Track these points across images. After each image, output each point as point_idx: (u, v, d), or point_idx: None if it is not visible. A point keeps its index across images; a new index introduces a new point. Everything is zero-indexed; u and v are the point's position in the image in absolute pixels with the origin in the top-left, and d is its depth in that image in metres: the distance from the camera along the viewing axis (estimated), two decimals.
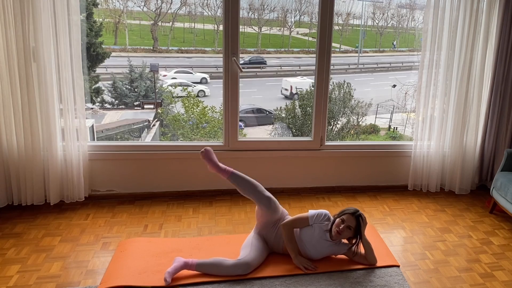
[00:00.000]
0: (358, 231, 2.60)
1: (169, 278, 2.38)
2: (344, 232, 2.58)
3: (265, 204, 2.67)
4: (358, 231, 2.60)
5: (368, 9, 7.79)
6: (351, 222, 2.57)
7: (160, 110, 6.46)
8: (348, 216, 2.58)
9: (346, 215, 2.59)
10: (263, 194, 2.69)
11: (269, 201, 2.68)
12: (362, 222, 2.59)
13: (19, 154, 3.24)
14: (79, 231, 3.06)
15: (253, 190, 2.69)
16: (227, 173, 2.72)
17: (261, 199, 2.68)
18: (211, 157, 2.74)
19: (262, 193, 2.69)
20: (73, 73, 3.21)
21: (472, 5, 3.55)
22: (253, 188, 2.69)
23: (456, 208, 3.70)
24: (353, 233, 2.61)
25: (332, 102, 6.99)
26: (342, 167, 3.93)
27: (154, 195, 3.68)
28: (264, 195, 2.69)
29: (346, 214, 2.60)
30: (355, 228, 2.58)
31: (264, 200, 2.67)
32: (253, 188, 2.69)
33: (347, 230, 2.58)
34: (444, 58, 3.71)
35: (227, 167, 2.73)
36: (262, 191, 2.70)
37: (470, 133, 3.88)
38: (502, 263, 2.86)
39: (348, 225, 2.57)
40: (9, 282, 2.45)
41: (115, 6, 6.48)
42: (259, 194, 2.68)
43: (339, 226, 2.58)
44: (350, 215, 2.58)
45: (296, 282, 2.48)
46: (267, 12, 7.22)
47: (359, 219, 2.58)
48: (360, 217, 2.59)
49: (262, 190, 2.70)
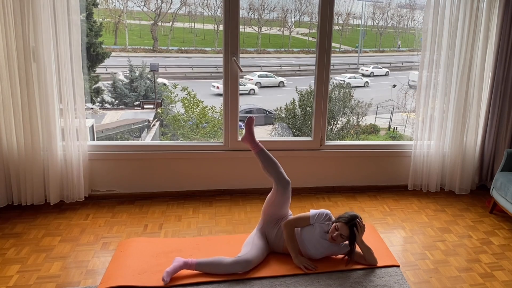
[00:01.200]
0: (352, 240, 2.59)
1: (167, 277, 2.38)
2: (337, 239, 2.58)
3: (283, 185, 2.70)
4: (352, 240, 2.59)
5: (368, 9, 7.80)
6: (344, 231, 2.56)
7: (160, 110, 6.46)
8: (342, 225, 2.57)
9: (340, 224, 2.57)
10: (284, 175, 2.74)
11: (288, 184, 2.72)
12: (357, 232, 2.57)
13: (19, 154, 3.24)
14: (79, 231, 3.06)
15: (277, 169, 2.74)
16: (258, 148, 2.77)
17: (281, 179, 2.71)
18: (251, 127, 2.82)
19: (283, 174, 2.74)
20: (73, 73, 3.21)
21: (472, 5, 3.55)
22: (277, 167, 2.74)
23: (456, 208, 3.70)
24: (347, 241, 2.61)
25: (332, 102, 6.99)
26: (342, 167, 3.93)
27: (154, 195, 3.68)
28: (285, 176, 2.73)
29: (340, 222, 2.58)
30: (347, 237, 2.58)
31: (284, 182, 2.71)
32: (276, 167, 2.74)
33: (340, 238, 2.58)
34: (444, 58, 3.71)
35: (259, 143, 2.80)
36: (284, 173, 2.75)
37: (470, 133, 3.88)
38: (502, 263, 2.86)
39: (341, 233, 2.56)
40: (9, 282, 2.45)
41: (115, 6, 6.48)
42: (281, 174, 2.73)
43: (333, 232, 2.58)
44: (344, 224, 2.56)
45: (296, 282, 2.48)
46: (267, 12, 7.22)
47: (353, 229, 2.57)
48: (355, 226, 2.57)
49: (284, 172, 2.75)
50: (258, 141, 2.80)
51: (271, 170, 2.74)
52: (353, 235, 2.57)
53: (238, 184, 3.78)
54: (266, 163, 2.75)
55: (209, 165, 3.69)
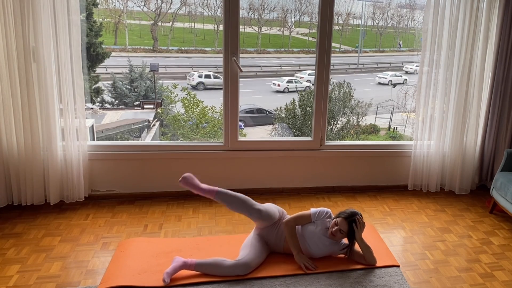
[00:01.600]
0: (351, 236, 2.60)
1: (167, 278, 2.38)
2: (337, 234, 2.59)
3: (256, 217, 2.64)
4: (351, 236, 2.60)
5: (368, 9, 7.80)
6: (343, 227, 2.58)
7: (160, 110, 6.46)
8: (342, 220, 2.58)
9: (340, 219, 2.59)
10: (253, 207, 2.62)
11: (260, 214, 2.63)
12: (356, 228, 2.58)
13: (19, 154, 3.24)
14: (79, 231, 3.06)
15: (242, 205, 2.62)
16: (212, 193, 2.63)
17: (251, 213, 2.62)
18: (192, 182, 2.65)
19: (252, 206, 2.62)
20: (73, 73, 3.21)
21: (472, 5, 3.55)
22: (242, 203, 2.62)
23: (456, 208, 3.70)
24: (346, 237, 2.62)
25: (332, 102, 6.99)
26: (342, 167, 3.93)
27: (154, 195, 3.68)
28: (254, 208, 2.61)
29: (340, 218, 2.60)
30: (347, 233, 2.59)
31: (255, 214, 2.62)
32: (241, 204, 2.62)
33: (339, 233, 2.58)
34: (444, 58, 3.71)
35: (211, 187, 2.65)
36: (252, 204, 2.63)
37: (470, 133, 3.88)
38: (502, 263, 2.86)
39: (340, 229, 2.57)
40: (9, 282, 2.45)
41: (115, 6, 6.48)
42: (249, 208, 2.62)
43: (332, 227, 2.59)
44: (343, 220, 2.58)
45: (296, 282, 2.48)
46: (267, 12, 7.22)
47: (352, 225, 2.57)
48: (355, 222, 2.58)
49: (251, 203, 2.63)
50: (209, 187, 2.65)
51: (236, 208, 2.65)
52: (352, 231, 2.58)
53: (238, 184, 3.78)
54: (229, 203, 2.64)
55: (209, 165, 3.69)
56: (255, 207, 2.63)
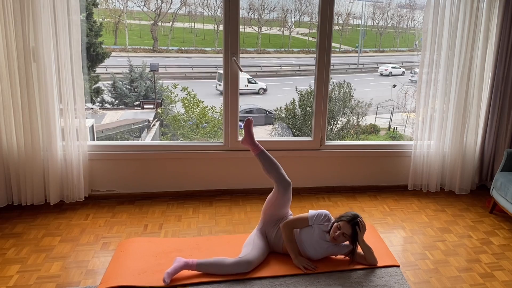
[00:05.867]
0: (353, 239, 2.60)
1: (168, 278, 2.38)
2: (339, 238, 2.58)
3: (284, 186, 2.70)
4: (354, 239, 2.60)
5: (368, 9, 7.79)
6: (346, 230, 2.57)
7: (160, 110, 6.46)
8: (344, 224, 2.57)
9: (343, 223, 2.58)
10: (285, 177, 2.74)
11: (289, 186, 2.73)
12: (359, 230, 2.58)
13: (19, 154, 3.24)
14: (79, 231, 3.06)
15: (278, 170, 2.74)
16: (258, 149, 2.77)
17: (282, 180, 2.71)
18: (250, 128, 2.79)
19: (284, 175, 2.74)
20: (73, 73, 3.21)
21: (472, 5, 3.55)
22: (278, 168, 2.75)
23: (456, 208, 3.70)
24: (349, 240, 2.62)
25: (332, 102, 6.99)
26: (342, 167, 3.93)
27: (154, 195, 3.68)
28: (286, 177, 2.73)
29: (342, 221, 2.58)
30: (350, 236, 2.58)
31: (285, 183, 2.71)
32: (277, 169, 2.74)
33: (342, 237, 2.58)
34: (444, 58, 3.71)
35: (259, 144, 2.79)
36: (285, 174, 2.75)
37: (470, 133, 3.88)
38: (502, 263, 2.86)
39: (343, 232, 2.57)
40: (9, 282, 2.45)
41: (115, 6, 6.48)
42: (282, 175, 2.73)
43: (335, 231, 2.58)
44: (346, 223, 2.57)
45: (296, 282, 2.48)
46: (267, 12, 7.22)
47: (355, 227, 2.57)
48: (357, 225, 2.58)
49: (284, 173, 2.75)
50: (258, 143, 2.79)
51: (272, 171, 2.73)
52: (355, 234, 2.57)
53: (238, 184, 3.78)
54: (267, 165, 2.75)
55: (209, 165, 3.69)
56: (287, 178, 2.74)
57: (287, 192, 2.72)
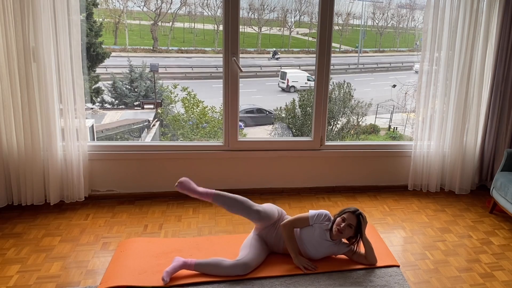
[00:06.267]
0: (359, 229, 2.61)
1: (167, 277, 2.38)
2: (345, 230, 2.58)
3: (255, 218, 2.64)
4: (359, 230, 2.61)
5: (368, 9, 7.80)
6: (352, 221, 2.58)
7: (160, 110, 6.46)
8: (349, 214, 2.59)
9: (347, 214, 2.60)
10: (251, 208, 2.62)
11: (259, 214, 2.63)
12: (362, 221, 2.60)
13: (19, 154, 3.24)
14: (79, 231, 3.06)
15: (241, 207, 2.62)
16: (209, 196, 2.62)
17: (250, 214, 2.63)
18: (189, 186, 2.62)
19: (250, 208, 2.62)
20: (73, 73, 3.21)
21: (472, 5, 3.55)
22: (240, 205, 2.62)
23: (456, 208, 3.70)
24: (354, 232, 2.62)
25: (332, 102, 6.99)
26: (342, 167, 3.93)
27: (154, 195, 3.68)
28: (252, 209, 2.62)
29: (347, 213, 2.61)
30: (356, 226, 2.59)
31: (254, 215, 2.63)
32: (240, 205, 2.62)
33: (348, 228, 2.58)
34: (444, 58, 3.71)
35: (208, 190, 2.63)
36: (250, 206, 2.63)
37: (470, 133, 3.88)
38: (502, 263, 2.86)
39: (349, 223, 2.57)
40: (9, 282, 2.45)
41: (115, 6, 6.48)
42: (247, 210, 2.62)
43: (340, 224, 2.58)
44: (351, 214, 2.60)
45: (296, 282, 2.48)
46: (267, 12, 7.22)
47: (360, 217, 2.59)
48: (361, 215, 2.60)
49: (249, 205, 2.64)
50: (206, 190, 2.63)
51: (235, 210, 2.65)
52: (360, 224, 2.59)
53: (238, 184, 3.78)
54: (228, 205, 2.63)
55: (209, 165, 3.69)
56: (253, 208, 2.63)
57: (261, 218, 2.64)
